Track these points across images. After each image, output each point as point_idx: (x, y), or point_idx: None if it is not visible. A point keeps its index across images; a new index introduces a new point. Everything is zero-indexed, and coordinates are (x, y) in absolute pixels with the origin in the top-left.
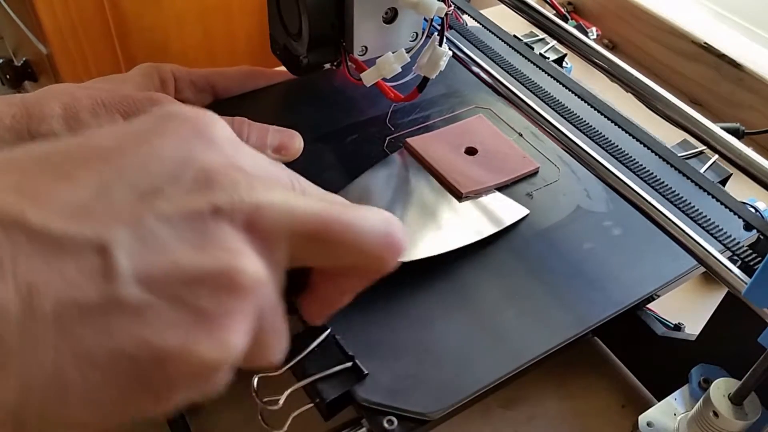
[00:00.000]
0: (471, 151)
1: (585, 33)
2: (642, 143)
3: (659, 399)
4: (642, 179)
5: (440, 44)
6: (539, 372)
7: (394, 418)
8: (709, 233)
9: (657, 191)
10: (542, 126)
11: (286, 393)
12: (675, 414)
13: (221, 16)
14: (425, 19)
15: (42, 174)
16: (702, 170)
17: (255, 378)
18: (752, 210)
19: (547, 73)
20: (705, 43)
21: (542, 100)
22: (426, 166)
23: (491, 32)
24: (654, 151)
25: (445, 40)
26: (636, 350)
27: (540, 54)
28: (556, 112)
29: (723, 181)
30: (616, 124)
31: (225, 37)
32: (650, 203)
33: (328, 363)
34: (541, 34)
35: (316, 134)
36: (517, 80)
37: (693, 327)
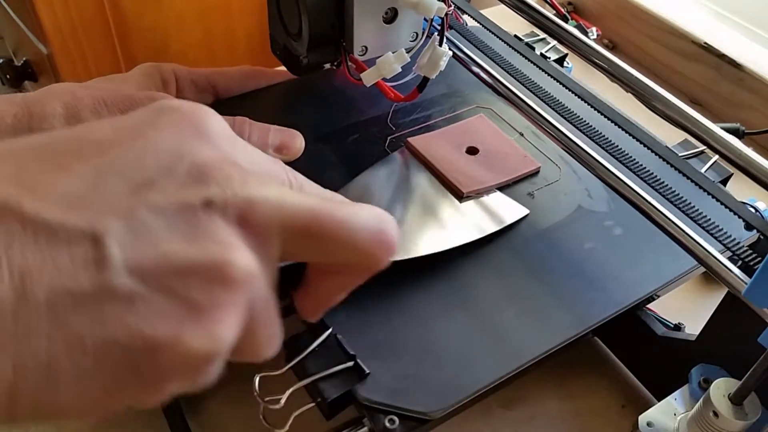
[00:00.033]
0: (472, 151)
1: (585, 33)
2: (642, 143)
3: (659, 399)
4: (642, 179)
5: (440, 44)
6: (539, 372)
7: (396, 418)
8: (709, 233)
9: (657, 191)
10: (542, 126)
11: (288, 392)
12: (675, 414)
13: (221, 16)
14: (425, 19)
15: (39, 164)
16: (703, 170)
17: (256, 377)
18: (752, 210)
19: (547, 73)
20: (705, 43)
21: (542, 100)
22: (427, 166)
23: (491, 32)
24: (654, 151)
25: (445, 40)
26: (636, 350)
27: (541, 54)
28: (556, 112)
29: (724, 181)
30: (616, 124)
31: (225, 37)
32: (650, 203)
33: (330, 362)
34: (542, 34)
35: (318, 134)
36: (517, 80)
37: (693, 327)
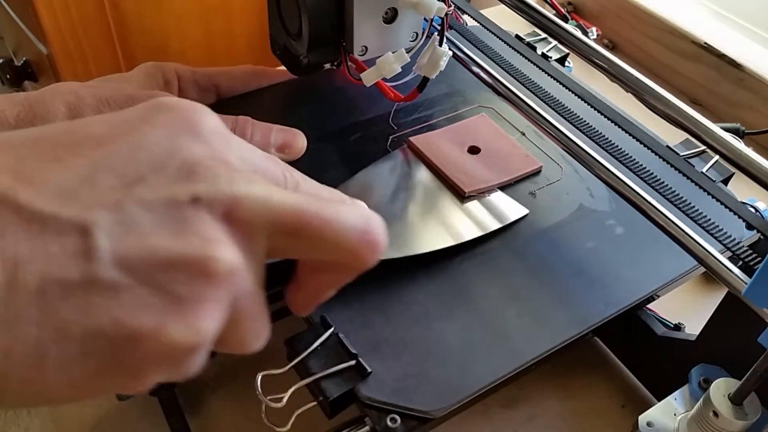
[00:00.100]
0: (474, 150)
1: (585, 33)
2: (642, 143)
3: (659, 399)
4: (642, 179)
5: (440, 44)
6: (539, 372)
7: (397, 417)
8: (710, 233)
9: (657, 191)
10: (542, 126)
11: (290, 391)
12: (675, 414)
13: (221, 16)
14: (425, 19)
15: (34, 156)
16: (704, 169)
17: (258, 376)
18: (752, 210)
19: (547, 73)
20: (705, 43)
21: (542, 100)
22: (429, 165)
23: (491, 32)
24: (654, 151)
25: (445, 40)
26: (636, 350)
27: (542, 53)
28: (556, 112)
29: (725, 180)
30: (617, 124)
31: (225, 37)
32: (650, 203)
33: (332, 361)
34: (543, 34)
35: (320, 133)
36: (517, 80)
37: (693, 327)
